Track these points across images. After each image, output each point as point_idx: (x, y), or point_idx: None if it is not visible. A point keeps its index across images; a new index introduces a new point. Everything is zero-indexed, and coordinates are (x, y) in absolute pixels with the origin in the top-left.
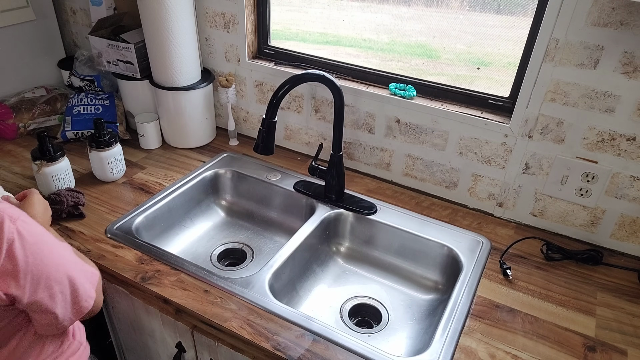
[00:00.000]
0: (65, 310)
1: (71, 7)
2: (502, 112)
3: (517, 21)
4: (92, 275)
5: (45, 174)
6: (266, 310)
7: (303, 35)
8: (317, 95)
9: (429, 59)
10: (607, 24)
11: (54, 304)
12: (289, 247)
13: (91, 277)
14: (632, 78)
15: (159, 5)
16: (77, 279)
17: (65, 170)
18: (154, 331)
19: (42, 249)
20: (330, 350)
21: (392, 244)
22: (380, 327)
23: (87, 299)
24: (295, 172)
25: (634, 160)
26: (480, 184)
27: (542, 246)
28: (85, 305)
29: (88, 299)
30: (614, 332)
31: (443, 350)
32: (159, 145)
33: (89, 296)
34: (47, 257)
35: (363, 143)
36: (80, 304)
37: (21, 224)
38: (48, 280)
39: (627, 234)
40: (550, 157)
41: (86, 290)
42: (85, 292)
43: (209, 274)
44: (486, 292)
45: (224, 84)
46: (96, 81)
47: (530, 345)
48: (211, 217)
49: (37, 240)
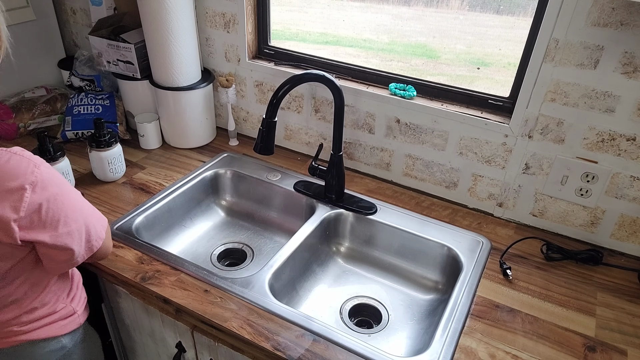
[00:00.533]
0: (80, 247)
1: (71, 7)
2: (502, 112)
3: (517, 21)
4: (102, 219)
5: None
6: (266, 310)
7: (303, 35)
8: (317, 95)
9: (429, 59)
10: (607, 24)
11: (72, 240)
12: (289, 247)
13: (102, 221)
14: (632, 78)
15: (159, 5)
16: (90, 220)
17: (65, 170)
18: (154, 331)
19: (61, 191)
20: (330, 350)
21: (392, 244)
22: (380, 327)
23: (97, 238)
24: (295, 172)
25: (634, 160)
26: (480, 184)
27: (542, 246)
28: (96, 244)
29: (98, 239)
30: (614, 332)
31: (443, 350)
32: (159, 145)
33: (98, 236)
34: (65, 198)
35: (363, 143)
36: (92, 243)
37: (44, 169)
38: (67, 219)
39: (627, 234)
40: (550, 157)
41: (97, 231)
42: (96, 232)
43: (209, 274)
44: (486, 292)
45: (224, 84)
46: (96, 81)
47: (530, 345)
48: (211, 217)
49: (57, 183)
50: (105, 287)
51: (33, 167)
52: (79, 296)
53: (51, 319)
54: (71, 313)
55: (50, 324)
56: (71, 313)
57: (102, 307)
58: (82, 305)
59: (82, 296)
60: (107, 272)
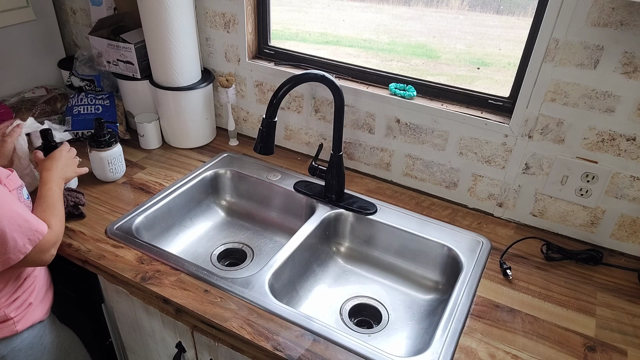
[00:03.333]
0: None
1: (71, 7)
2: (502, 112)
3: (517, 21)
4: (34, 232)
5: None
6: (266, 310)
7: (303, 35)
8: (317, 95)
9: (429, 59)
10: (607, 24)
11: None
12: (289, 247)
13: (31, 233)
14: (632, 78)
15: (159, 5)
16: (9, 232)
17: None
18: (154, 331)
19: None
20: (330, 350)
21: (392, 244)
22: (380, 327)
23: (15, 251)
24: (295, 172)
25: (634, 160)
26: (480, 184)
27: (542, 246)
28: (13, 257)
29: (17, 252)
30: (614, 332)
31: (443, 350)
32: (159, 145)
33: (18, 250)
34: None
35: (363, 143)
36: (8, 256)
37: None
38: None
39: (627, 234)
40: (550, 157)
41: (17, 243)
42: (16, 244)
43: (209, 274)
44: (486, 292)
45: (224, 84)
46: (96, 81)
47: (530, 345)
48: (211, 217)
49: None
50: (105, 287)
51: None
52: (23, 302)
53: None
54: (3, 319)
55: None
56: (3, 319)
57: (102, 307)
58: (22, 312)
59: (27, 302)
60: (107, 272)
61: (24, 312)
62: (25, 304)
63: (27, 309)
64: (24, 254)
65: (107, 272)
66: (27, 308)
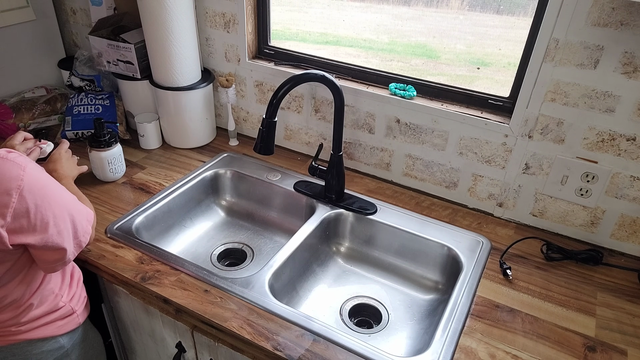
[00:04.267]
0: (70, 244)
1: (71, 7)
2: (502, 112)
3: (517, 21)
4: (88, 214)
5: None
6: (266, 310)
7: (303, 35)
8: (317, 95)
9: (429, 59)
10: (607, 24)
11: (62, 239)
12: (289, 247)
13: (87, 216)
14: (632, 78)
15: (159, 5)
16: (77, 217)
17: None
18: (154, 331)
19: (48, 192)
20: (330, 350)
21: (392, 244)
22: (380, 327)
23: (84, 234)
24: (295, 172)
25: (634, 160)
26: (480, 184)
27: (542, 246)
28: (83, 240)
29: (85, 234)
30: (614, 332)
31: (443, 350)
32: (159, 145)
33: (85, 232)
34: (52, 199)
35: (363, 143)
36: (79, 239)
37: (29, 171)
38: (55, 219)
39: (627, 234)
40: (550, 157)
41: (83, 227)
42: (83, 228)
43: (209, 274)
44: (486, 292)
45: (224, 84)
46: (96, 81)
47: (530, 345)
48: (211, 217)
49: (43, 184)
50: (105, 287)
51: (18, 169)
52: (79, 295)
53: (49, 318)
54: (69, 312)
55: (48, 324)
56: (69, 312)
57: (102, 307)
58: (81, 305)
59: (81, 295)
60: (107, 272)
61: (82, 305)
62: (82, 298)
63: (83, 303)
64: (89, 234)
65: (107, 272)
66: (83, 302)
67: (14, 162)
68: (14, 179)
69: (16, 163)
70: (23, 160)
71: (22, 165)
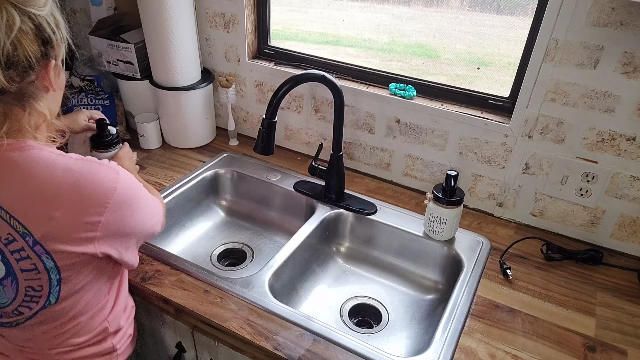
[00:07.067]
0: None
1: (71, 7)
2: (502, 112)
3: (517, 21)
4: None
5: None
6: (266, 310)
7: (303, 35)
8: (317, 95)
9: (429, 59)
10: (607, 24)
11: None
12: (289, 247)
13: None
14: (632, 78)
15: (159, 5)
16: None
17: None
18: (154, 331)
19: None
20: (330, 350)
21: (392, 244)
22: (380, 327)
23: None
24: (295, 172)
25: (634, 160)
26: (480, 184)
27: (542, 246)
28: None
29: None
30: (614, 332)
31: (443, 350)
32: (159, 145)
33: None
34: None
35: (363, 143)
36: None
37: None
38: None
39: (627, 234)
40: (550, 157)
41: (159, 220)
42: (159, 221)
43: (209, 274)
44: (486, 292)
45: (224, 84)
46: (96, 81)
47: (530, 345)
48: (211, 217)
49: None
50: None
51: (114, 174)
52: (124, 333)
53: (88, 351)
54: (110, 350)
55: (85, 358)
56: (110, 350)
57: None
58: (124, 344)
59: (127, 333)
60: None
61: (125, 344)
62: (127, 336)
63: (127, 341)
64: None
65: None
66: (127, 340)
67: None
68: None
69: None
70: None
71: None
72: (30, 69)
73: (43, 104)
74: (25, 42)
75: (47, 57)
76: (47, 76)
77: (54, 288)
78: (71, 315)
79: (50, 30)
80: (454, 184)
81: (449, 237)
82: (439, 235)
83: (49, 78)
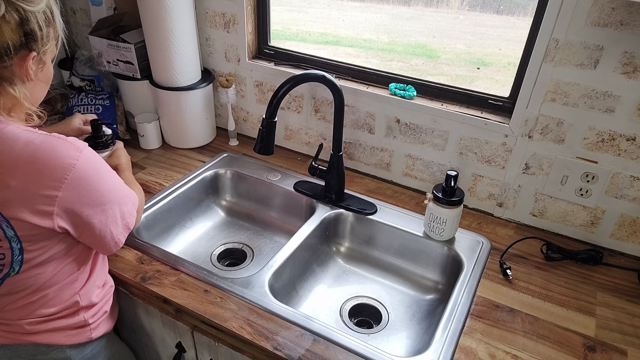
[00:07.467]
0: (117, 227)
1: (71, 7)
2: (502, 112)
3: (517, 21)
4: (134, 198)
5: None
6: (266, 310)
7: (303, 35)
8: (317, 95)
9: (429, 59)
10: (607, 24)
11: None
12: (289, 247)
13: (134, 200)
14: (632, 78)
15: (159, 5)
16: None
17: None
18: (154, 331)
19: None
20: (330, 350)
21: (392, 244)
22: (380, 327)
23: (129, 216)
24: (295, 172)
25: (634, 160)
26: (480, 184)
27: (542, 246)
28: (130, 221)
29: (131, 217)
30: (614, 332)
31: (443, 350)
32: (159, 145)
33: (131, 214)
34: (104, 182)
35: (363, 143)
36: (126, 220)
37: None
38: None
39: (627, 234)
40: (550, 157)
41: (130, 210)
42: (130, 211)
43: (209, 274)
44: (486, 292)
45: (224, 84)
46: (96, 81)
47: (530, 345)
48: (211, 217)
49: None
50: None
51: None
52: (100, 309)
53: (59, 324)
54: (82, 324)
55: (57, 330)
56: (82, 324)
57: None
58: (98, 320)
59: (103, 309)
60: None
61: (99, 319)
62: (101, 312)
63: (102, 317)
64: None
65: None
66: (102, 316)
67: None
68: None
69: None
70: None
71: (79, 148)
72: (6, 56)
73: (18, 89)
74: (6, 30)
75: (26, 48)
76: (24, 65)
77: (17, 257)
78: (37, 286)
79: (37, 25)
80: (454, 184)
81: (449, 237)
82: (439, 235)
83: (27, 67)
